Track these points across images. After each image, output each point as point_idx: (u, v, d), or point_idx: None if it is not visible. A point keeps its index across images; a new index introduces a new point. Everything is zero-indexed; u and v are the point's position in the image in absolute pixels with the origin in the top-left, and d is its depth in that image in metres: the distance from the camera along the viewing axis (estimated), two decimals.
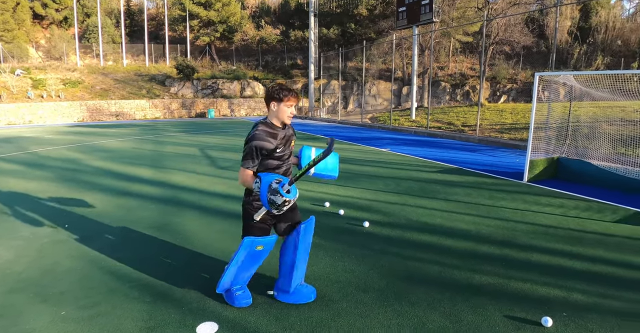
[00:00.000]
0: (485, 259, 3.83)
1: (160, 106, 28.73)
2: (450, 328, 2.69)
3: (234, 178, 7.46)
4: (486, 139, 13.99)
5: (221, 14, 34.38)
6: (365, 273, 3.46)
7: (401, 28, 22.77)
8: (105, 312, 2.87)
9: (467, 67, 30.99)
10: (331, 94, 31.79)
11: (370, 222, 4.77)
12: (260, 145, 2.61)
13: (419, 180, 7.31)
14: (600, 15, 31.72)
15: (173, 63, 33.82)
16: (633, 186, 6.66)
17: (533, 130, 7.60)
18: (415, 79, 21.96)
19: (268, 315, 2.81)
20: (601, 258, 3.94)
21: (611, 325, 2.78)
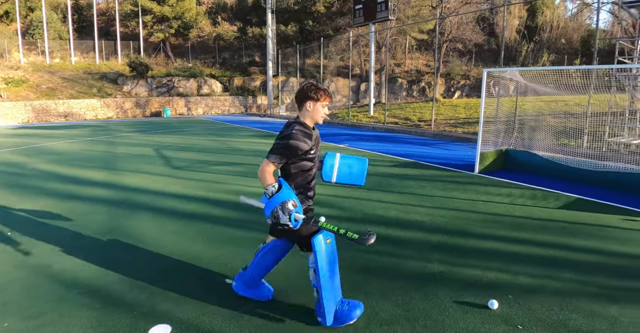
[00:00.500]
0: (438, 248, 3.97)
1: (113, 105, 27.59)
2: (402, 316, 2.77)
3: (189, 178, 7.30)
4: (441, 133, 14.44)
5: (175, 9, 33.40)
6: None
7: (358, 25, 23.02)
8: (52, 321, 2.74)
9: (422, 64, 31.83)
10: (290, 91, 31.70)
11: (326, 217, 4.77)
12: (296, 144, 2.48)
13: (376, 175, 7.45)
14: (546, 15, 33.47)
15: (125, 60, 32.51)
16: (574, 174, 7.09)
17: (483, 124, 7.93)
18: (373, 76, 22.30)
19: (222, 314, 2.78)
20: (544, 242, 4.18)
21: (552, 305, 2.96)
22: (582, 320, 2.78)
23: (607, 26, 33.40)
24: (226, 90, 32.76)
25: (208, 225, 4.67)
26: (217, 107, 31.03)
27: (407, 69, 31.38)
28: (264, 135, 15.17)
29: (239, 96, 31.84)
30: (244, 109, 31.76)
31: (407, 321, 2.71)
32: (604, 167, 7.12)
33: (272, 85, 29.64)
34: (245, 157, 9.76)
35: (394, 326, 2.65)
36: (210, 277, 3.34)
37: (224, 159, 9.39)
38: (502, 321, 2.75)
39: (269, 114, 28.01)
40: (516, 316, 2.81)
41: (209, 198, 5.87)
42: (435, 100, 22.86)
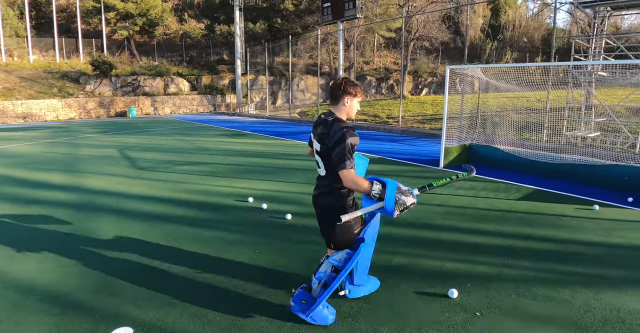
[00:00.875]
0: (401, 242, 4.06)
1: (75, 106, 26.62)
2: (365, 308, 2.83)
3: (154, 178, 7.16)
4: (409, 129, 14.71)
5: (140, 6, 32.48)
6: (287, 264, 3.52)
7: (326, 23, 23.10)
8: (7, 329, 2.64)
9: (391, 62, 32.26)
10: (259, 90, 31.48)
11: (292, 214, 4.85)
12: (354, 142, 2.41)
13: None
14: (508, 14, 34.57)
15: (88, 59, 31.39)
16: (534, 167, 7.39)
17: (447, 120, 8.14)
18: (342, 74, 22.44)
19: (186, 313, 2.76)
20: (504, 233, 4.35)
21: (509, 291, 3.09)
22: (536, 305, 2.92)
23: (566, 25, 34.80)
24: (194, 89, 32.18)
25: (173, 226, 4.60)
26: (185, 106, 30.46)
27: (375, 66, 31.73)
28: (232, 134, 15.02)
29: (207, 95, 31.35)
30: (213, 107, 31.31)
31: (370, 313, 2.77)
32: (562, 159, 7.45)
33: (240, 83, 29.36)
34: (212, 156, 9.65)
35: (357, 319, 2.71)
36: (175, 278, 3.30)
37: (191, 159, 9.25)
38: (461, 309, 2.85)
39: (238, 113, 27.74)
40: (475, 304, 2.92)
41: (174, 198, 5.78)
42: (403, 97, 23.26)
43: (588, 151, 8.56)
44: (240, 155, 9.67)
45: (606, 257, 3.76)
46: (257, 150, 10.71)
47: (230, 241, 4.09)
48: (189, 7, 40.56)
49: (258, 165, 8.32)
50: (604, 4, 10.26)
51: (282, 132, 15.35)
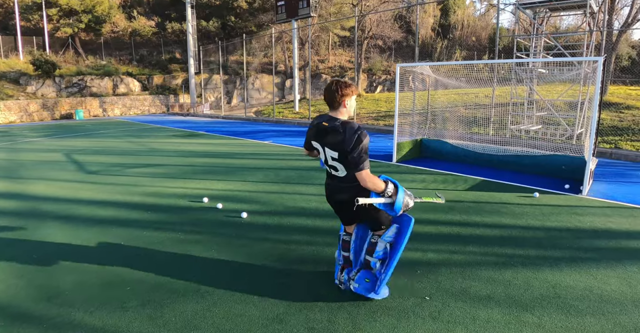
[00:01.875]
0: None
1: (15, 108, 24.98)
2: (319, 298, 2.91)
3: (104, 182, 6.90)
4: (363, 126, 15.00)
5: (85, 2, 30.90)
6: (241, 262, 3.54)
7: (281, 22, 23.04)
8: None
9: (346, 60, 32.65)
10: (214, 89, 30.92)
11: (248, 213, 4.85)
12: (368, 141, 2.56)
13: (298, 169, 7.60)
14: (457, 14, 35.91)
15: (28, 58, 29.48)
16: (480, 159, 7.78)
17: (400, 116, 8.40)
18: (297, 72, 22.49)
19: (140, 316, 2.73)
20: (452, 221, 4.57)
21: (456, 275, 3.28)
22: (481, 286, 3.11)
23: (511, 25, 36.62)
24: (145, 89, 31.08)
25: (126, 229, 4.48)
26: (136, 107, 29.38)
27: (330, 65, 32.02)
28: (187, 134, 14.69)
29: (159, 95, 30.39)
30: (166, 108, 30.40)
31: (324, 303, 2.85)
32: (506, 151, 7.89)
33: (194, 83, 28.71)
34: (167, 157, 9.42)
35: (312, 310, 2.78)
36: (129, 283, 3.23)
37: (144, 161, 8.98)
38: (411, 294, 2.99)
39: (193, 113, 27.12)
40: (424, 289, 3.08)
41: (126, 202, 5.61)
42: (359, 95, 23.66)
43: (531, 143, 9.13)
44: (194, 156, 9.50)
45: (544, 239, 4.05)
46: (212, 150, 10.55)
47: (186, 242, 4.04)
48: (138, 4, 39.09)
49: (213, 166, 8.21)
50: (542, 5, 10.92)
51: (238, 132, 15.20)
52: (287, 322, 2.63)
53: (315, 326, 2.59)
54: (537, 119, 11.72)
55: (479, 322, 2.64)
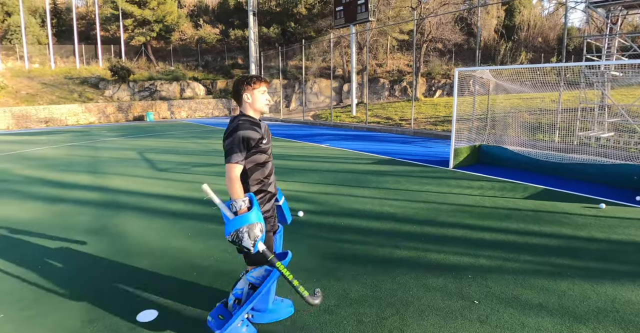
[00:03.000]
0: (408, 237, 4.27)
1: (95, 110, 27.42)
2: (370, 295, 3.05)
3: (172, 179, 7.49)
4: (421, 131, 14.84)
5: (157, 12, 33.31)
6: (297, 257, 3.77)
7: (339, 27, 23.36)
8: (43, 312, 2.94)
9: (404, 64, 32.33)
10: (273, 93, 31.91)
11: (305, 212, 5.10)
12: (247, 134, 2.31)
13: (354, 172, 7.75)
14: (523, 14, 34.33)
15: (107, 64, 32.28)
16: (543, 167, 7.49)
17: (458, 122, 8.30)
18: (355, 76, 22.66)
19: (205, 297, 3.02)
20: (508, 229, 4.51)
21: (508, 282, 3.27)
22: (533, 294, 3.09)
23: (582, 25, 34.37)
24: (209, 93, 32.80)
25: (192, 222, 4.90)
26: (201, 110, 31.07)
27: (388, 69, 31.86)
28: None
29: (222, 99, 31.92)
30: (228, 111, 31.84)
31: (374, 300, 2.99)
32: (570, 159, 7.54)
33: None
34: None
35: (362, 304, 2.93)
36: (196, 268, 3.57)
37: (208, 161, 9.59)
38: (460, 297, 3.05)
39: None
40: (473, 293, 3.12)
41: (192, 197, 6.09)
42: (416, 99, 23.34)
43: (600, 151, 8.61)
44: None
45: (608, 252, 3.89)
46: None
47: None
48: (204, 12, 41.36)
49: None
50: (616, 3, 10.27)
51: (296, 135, 15.65)
52: (337, 314, 2.80)
53: (364, 319, 2.74)
54: (609, 125, 11.00)
55: (527, 329, 2.65)
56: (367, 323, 2.70)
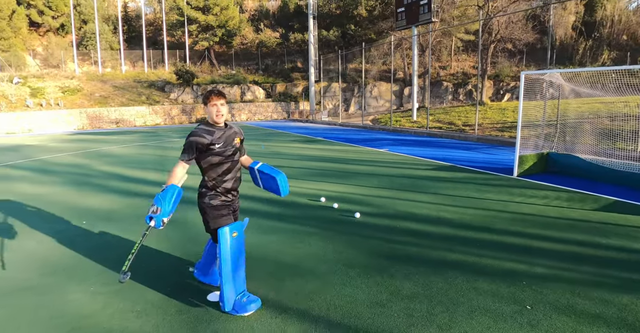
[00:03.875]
0: (462, 242, 4.43)
1: (161, 112, 29.53)
2: (422, 293, 3.29)
3: None
4: (485, 137, 14.58)
5: (220, 18, 35.28)
6: (352, 254, 4.08)
7: (401, 29, 23.44)
8: (129, 287, 3.50)
9: (469, 66, 31.59)
10: (332, 97, 32.49)
11: (361, 214, 5.40)
12: (195, 140, 2.96)
13: (412, 177, 7.93)
14: (606, 8, 32.24)
15: (172, 68, 34.67)
16: (620, 177, 7.20)
17: (527, 128, 8.19)
18: (416, 80, 22.60)
19: (265, 286, 3.43)
20: (570, 240, 4.50)
21: (564, 291, 3.35)
22: (591, 305, 3.15)
23: None
24: (269, 96, 34.09)
25: (252, 218, 5.38)
26: (260, 113, 32.38)
27: (453, 71, 31.30)
28: (306, 140, 15.93)
29: (281, 102, 33.04)
30: (287, 114, 32.88)
31: (425, 297, 3.23)
32: None
33: (314, 90, 30.58)
34: (287, 160, 10.51)
35: (413, 301, 3.18)
36: (256, 258, 4.00)
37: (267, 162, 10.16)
38: (512, 301, 3.20)
39: (311, 120, 28.89)
40: (527, 298, 3.24)
41: (253, 195, 6.60)
42: (482, 103, 22.77)
43: None
44: (312, 160, 10.43)
45: None
46: (329, 155, 11.42)
47: (304, 232, 4.77)
48: (264, 17, 43.07)
49: (330, 170, 9.01)
50: None
51: (355, 139, 15.97)
52: (389, 307, 3.07)
53: (415, 314, 2.99)
54: None
55: None
56: (416, 317, 2.95)
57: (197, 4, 34.92)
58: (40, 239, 4.80)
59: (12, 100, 28.10)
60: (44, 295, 3.41)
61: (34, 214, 5.92)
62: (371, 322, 2.89)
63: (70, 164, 10.77)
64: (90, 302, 3.26)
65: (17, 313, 3.09)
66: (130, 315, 3.04)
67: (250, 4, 45.45)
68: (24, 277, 3.77)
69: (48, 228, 5.22)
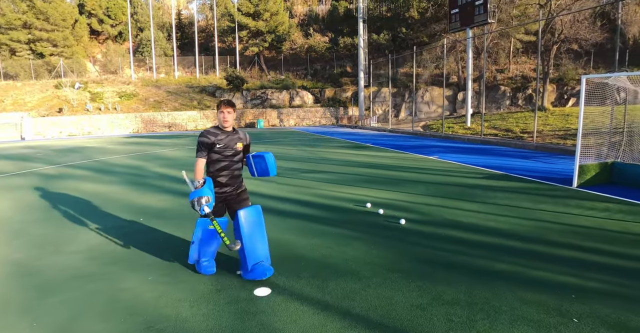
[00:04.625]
0: (510, 252, 4.43)
1: (211, 117, 30.83)
2: (463, 300, 3.38)
3: (281, 183, 8.48)
4: (544, 145, 14.11)
5: (270, 23, 36.42)
6: (395, 258, 4.23)
7: (454, 31, 23.15)
8: (182, 278, 3.87)
9: (529, 69, 30.55)
10: (382, 102, 32.49)
11: (406, 220, 5.52)
12: (201, 140, 3.76)
13: (461, 185, 7.91)
14: None
15: (223, 74, 36.13)
16: None
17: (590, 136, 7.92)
18: (471, 84, 22.19)
19: (310, 284, 3.66)
20: (630, 255, 4.34)
21: (617, 307, 3.29)
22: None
23: None
24: (317, 101, 34.64)
25: (298, 220, 5.69)
26: (309, 118, 32.98)
27: (511, 75, 30.40)
28: (354, 146, 16.13)
29: (330, 107, 33.49)
30: (335, 120, 33.26)
31: (466, 304, 3.32)
32: None
33: (363, 95, 30.76)
34: (335, 166, 10.78)
35: (454, 306, 3.28)
36: (303, 259, 4.25)
37: (314, 168, 10.51)
38: (558, 313, 3.21)
39: (360, 126, 29.06)
40: (574, 311, 3.23)
41: (299, 199, 6.94)
42: (543, 109, 21.97)
43: None
44: (360, 166, 10.63)
45: None
46: (376, 161, 11.56)
47: (349, 237, 4.98)
48: (314, 21, 43.87)
49: (377, 176, 9.17)
50: None
51: (404, 146, 15.99)
52: (428, 311, 3.19)
53: (454, 319, 3.09)
54: None
55: None
56: (456, 322, 3.06)
57: (248, 10, 36.26)
58: (101, 233, 5.33)
59: (74, 104, 30.45)
60: (102, 281, 3.85)
61: (95, 210, 6.56)
62: (410, 324, 3.03)
63: (126, 165, 11.64)
64: (147, 290, 3.64)
65: (79, 298, 3.51)
66: (183, 304, 3.37)
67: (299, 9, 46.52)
68: (85, 265, 4.26)
69: (108, 223, 5.78)
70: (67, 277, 3.97)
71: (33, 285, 3.83)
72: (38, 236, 5.33)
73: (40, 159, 14.01)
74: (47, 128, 27.73)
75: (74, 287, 3.74)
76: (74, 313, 3.27)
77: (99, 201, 7.24)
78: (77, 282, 3.85)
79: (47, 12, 35.76)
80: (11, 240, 5.23)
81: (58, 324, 3.11)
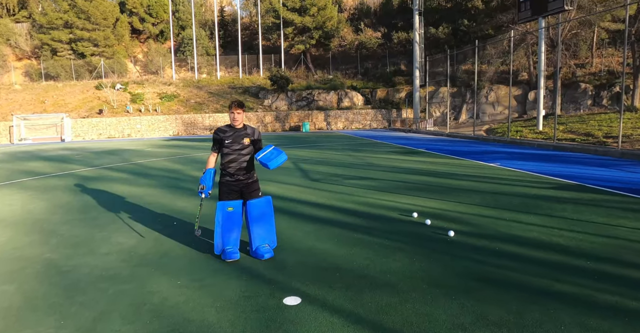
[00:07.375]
0: (575, 272, 4.28)
1: (254, 119, 31.64)
2: (512, 321, 3.32)
3: (323, 189, 8.68)
4: (632, 152, 13.39)
5: (317, 19, 36.91)
6: (438, 273, 4.22)
7: (524, 21, 22.49)
8: (211, 283, 4.11)
9: (617, 63, 29.00)
10: (439, 103, 31.98)
11: (456, 232, 5.47)
12: (214, 137, 4.82)
13: (522, 196, 7.71)
14: None
15: (267, 74, 37.02)
16: None
17: None
18: (543, 82, 21.43)
19: (344, 296, 3.74)
20: None
21: None
22: None
23: None
24: (368, 102, 34.64)
25: (339, 229, 5.82)
26: (358, 121, 33.05)
27: (594, 70, 29.02)
28: (405, 151, 16.05)
29: (381, 109, 33.39)
30: (387, 123, 33.13)
31: (515, 326, 3.26)
32: None
33: (419, 96, 30.39)
34: (382, 172, 10.82)
35: (500, 328, 3.23)
36: (338, 269, 4.34)
37: (360, 174, 10.61)
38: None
39: (415, 129, 28.76)
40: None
41: (341, 207, 7.06)
42: (634, 109, 20.83)
43: None
44: (410, 173, 10.59)
45: None
46: (429, 168, 11.47)
47: (391, 247, 5.05)
48: (365, 15, 44.00)
49: (427, 184, 9.12)
50: None
51: (461, 151, 15.71)
52: (470, 331, 3.17)
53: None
54: None
55: None
56: None
57: (294, 5, 36.97)
58: (134, 235, 5.74)
59: (114, 105, 32.29)
60: (131, 283, 4.17)
61: (130, 212, 7.05)
62: None
63: (163, 168, 12.28)
64: (175, 294, 3.90)
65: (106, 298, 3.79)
66: (210, 309, 3.57)
67: (349, 2, 46.87)
68: (116, 267, 4.63)
69: (142, 226, 6.21)
70: (97, 278, 4.32)
71: (63, 284, 4.20)
72: (72, 237, 5.81)
73: (79, 161, 15.05)
74: (87, 130, 29.60)
75: (102, 288, 4.06)
76: (100, 313, 3.56)
77: (134, 204, 7.73)
78: (106, 283, 4.18)
79: (89, 11, 38.30)
80: (46, 239, 5.72)
81: (83, 323, 3.39)
